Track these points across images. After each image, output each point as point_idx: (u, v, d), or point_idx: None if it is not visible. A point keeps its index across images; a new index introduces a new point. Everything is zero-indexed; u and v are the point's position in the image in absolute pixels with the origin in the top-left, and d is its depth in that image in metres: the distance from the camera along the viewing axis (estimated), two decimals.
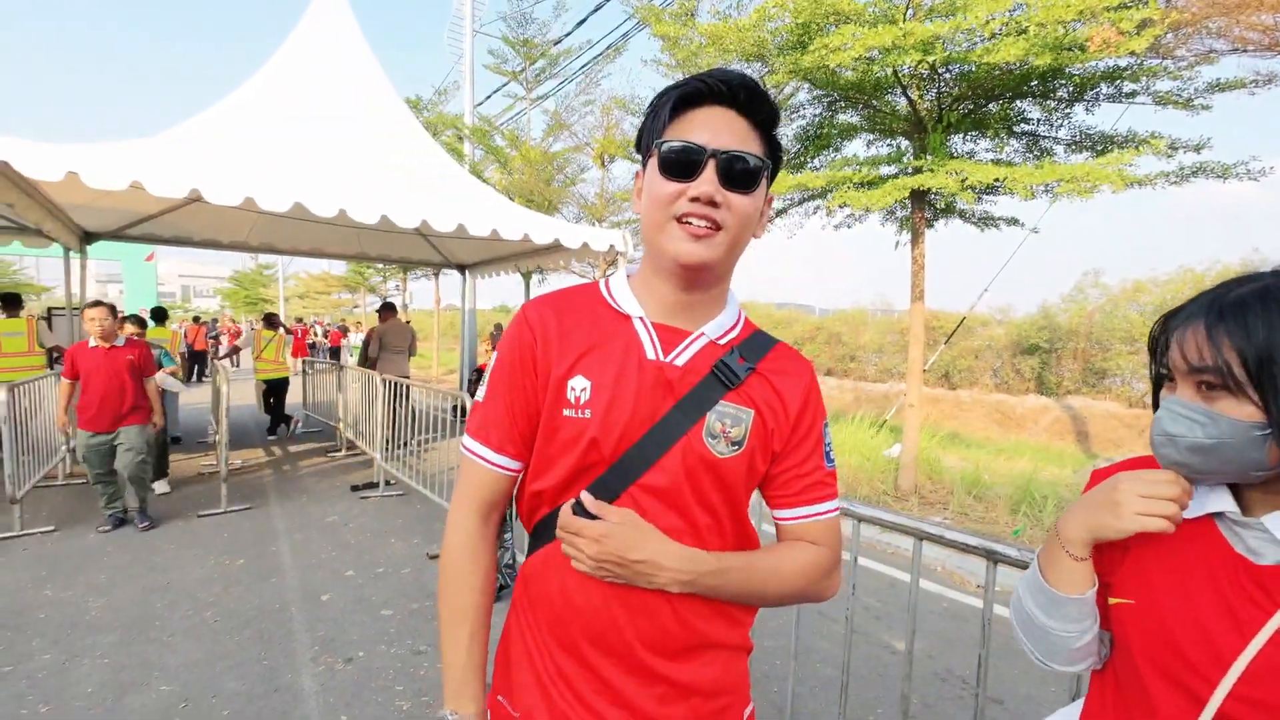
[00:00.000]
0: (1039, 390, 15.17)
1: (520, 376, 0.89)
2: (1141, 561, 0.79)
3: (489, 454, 0.90)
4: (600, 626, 0.85)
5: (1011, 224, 6.64)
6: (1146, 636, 0.76)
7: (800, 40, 5.43)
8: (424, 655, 2.99)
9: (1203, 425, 0.69)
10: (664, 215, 0.82)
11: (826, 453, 0.94)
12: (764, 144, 0.85)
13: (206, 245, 8.44)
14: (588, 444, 0.84)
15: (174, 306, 43.02)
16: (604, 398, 0.84)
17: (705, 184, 0.79)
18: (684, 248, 0.81)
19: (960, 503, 5.82)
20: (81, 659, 2.84)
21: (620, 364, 0.86)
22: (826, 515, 0.93)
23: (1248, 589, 0.70)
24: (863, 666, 3.06)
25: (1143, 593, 0.78)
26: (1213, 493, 0.77)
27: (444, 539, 0.93)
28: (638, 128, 0.91)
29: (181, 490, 5.69)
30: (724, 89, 0.81)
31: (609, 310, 0.91)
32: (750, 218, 0.84)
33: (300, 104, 6.42)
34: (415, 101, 15.25)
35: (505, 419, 0.89)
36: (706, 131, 0.81)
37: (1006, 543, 1.34)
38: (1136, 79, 5.24)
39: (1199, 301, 0.74)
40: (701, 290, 0.88)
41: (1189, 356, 0.71)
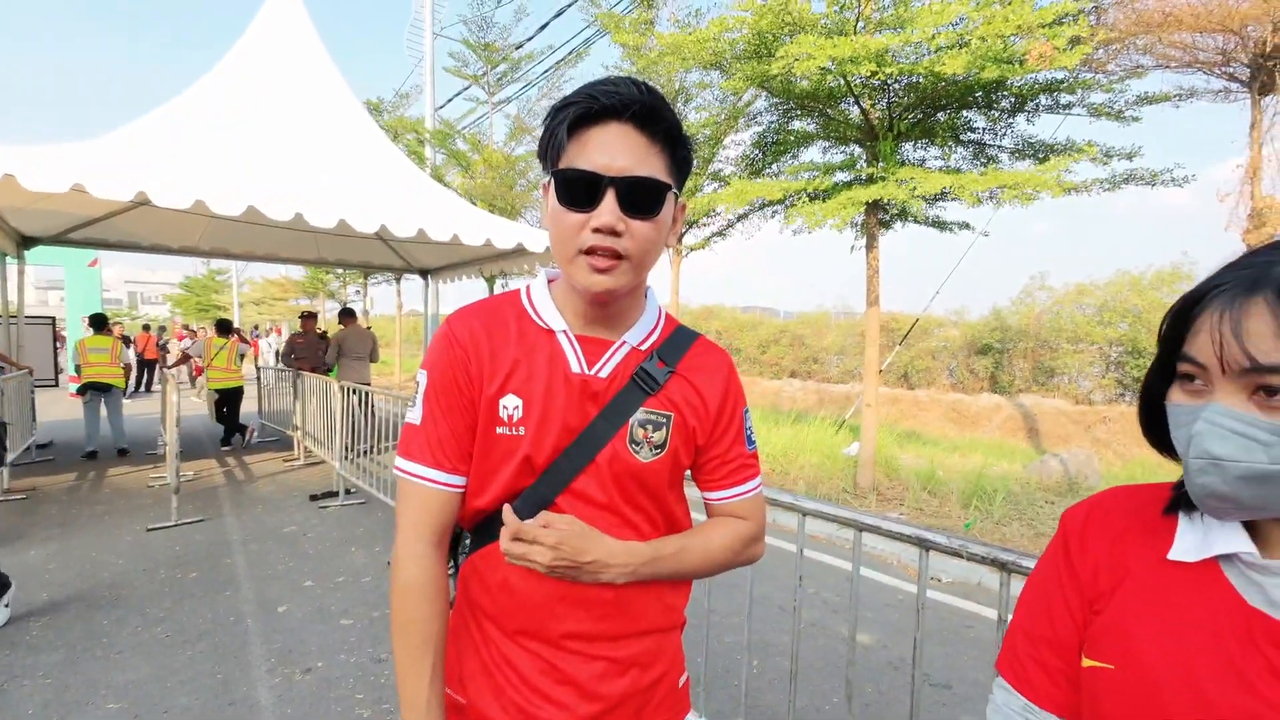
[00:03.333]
0: (993, 389, 15.73)
1: (456, 397, 0.89)
2: (1123, 615, 0.63)
3: (439, 475, 0.89)
4: (542, 617, 0.89)
5: (963, 228, 6.91)
6: (1129, 714, 0.59)
7: (757, 50, 5.57)
8: (384, 663, 2.96)
9: (1266, 446, 0.51)
10: (569, 248, 0.82)
11: (748, 437, 1.01)
12: (667, 159, 0.83)
13: (155, 250, 8.16)
14: (521, 461, 0.88)
15: (121, 314, 41.25)
16: (535, 414, 0.87)
17: (605, 214, 0.78)
18: (591, 280, 0.81)
19: (916, 498, 6.01)
20: (22, 680, 2.74)
21: (548, 379, 0.88)
22: (751, 493, 1.00)
23: (1269, 655, 0.54)
24: (819, 659, 3.15)
25: (1125, 656, 0.60)
26: (1217, 527, 0.59)
27: (394, 574, 0.88)
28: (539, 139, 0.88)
29: (130, 503, 5.49)
30: (619, 105, 0.78)
31: (532, 325, 0.92)
32: (655, 241, 0.84)
33: (254, 106, 6.28)
34: (376, 104, 15.03)
35: (449, 438, 0.89)
36: (604, 154, 0.78)
37: (937, 531, 1.42)
38: (1073, 91, 5.53)
39: (1240, 272, 0.54)
40: (615, 305, 0.90)
41: (1254, 350, 0.51)
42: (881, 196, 5.28)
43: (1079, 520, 0.71)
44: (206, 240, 7.98)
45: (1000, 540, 5.00)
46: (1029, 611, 0.73)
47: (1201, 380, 0.56)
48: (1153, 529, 0.65)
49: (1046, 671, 0.70)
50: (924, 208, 6.22)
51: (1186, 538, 0.62)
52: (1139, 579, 0.63)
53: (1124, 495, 0.71)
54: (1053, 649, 0.69)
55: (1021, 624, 0.74)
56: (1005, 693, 0.73)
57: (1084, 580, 0.68)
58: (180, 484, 5.13)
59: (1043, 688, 0.69)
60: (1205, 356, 0.55)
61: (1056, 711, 0.69)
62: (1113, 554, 0.67)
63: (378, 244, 8.47)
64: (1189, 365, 0.57)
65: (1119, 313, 10.85)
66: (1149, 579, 0.63)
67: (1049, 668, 0.69)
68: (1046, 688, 0.69)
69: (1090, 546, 0.69)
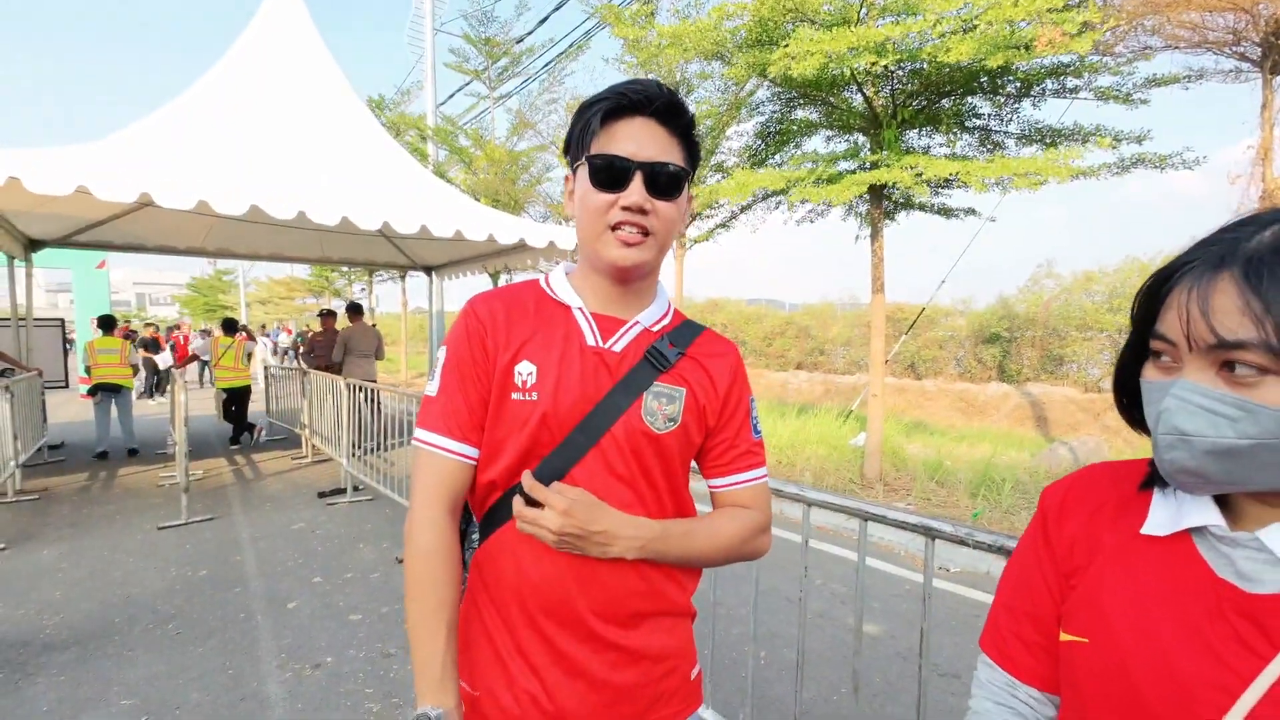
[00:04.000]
0: (1000, 378, 15.64)
1: (472, 367, 0.93)
2: (1097, 589, 0.63)
3: (452, 444, 0.91)
4: (555, 599, 0.90)
5: (969, 214, 6.84)
6: (1104, 686, 0.60)
7: (759, 38, 5.53)
8: (393, 658, 2.98)
9: (1232, 421, 0.51)
10: (600, 224, 0.89)
11: (754, 425, 1.03)
12: (684, 150, 0.92)
13: (161, 251, 8.20)
14: (537, 422, 0.90)
15: (129, 315, 41.58)
16: (550, 380, 0.90)
17: (634, 194, 0.86)
18: (620, 253, 0.88)
19: (923, 489, 5.99)
20: (35, 677, 2.77)
21: (563, 349, 0.92)
22: (756, 480, 1.02)
23: (1236, 626, 0.54)
24: (828, 649, 3.14)
25: (1099, 629, 0.61)
26: (1188, 501, 0.60)
27: (410, 538, 0.90)
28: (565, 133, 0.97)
29: (141, 502, 5.54)
30: (645, 102, 0.88)
31: (550, 301, 0.97)
32: (675, 220, 0.92)
33: (255, 105, 6.29)
34: (378, 102, 15.01)
35: (464, 409, 0.92)
36: (632, 143, 0.88)
37: (942, 520, 1.41)
38: (1080, 75, 5.46)
39: (1209, 249, 0.55)
40: (635, 283, 0.96)
41: (1219, 326, 0.51)
42: (886, 180, 5.23)
43: (1057, 497, 0.72)
44: (211, 241, 8.01)
45: (1009, 529, 4.97)
46: (1010, 588, 0.74)
47: (1171, 357, 0.56)
48: (1128, 504, 0.66)
49: (1027, 647, 0.70)
50: (929, 195, 6.16)
51: (1159, 512, 0.62)
52: (1112, 553, 0.64)
53: (1102, 472, 0.71)
54: (1033, 624, 0.70)
55: (1003, 600, 0.75)
56: (989, 669, 0.74)
57: (1060, 555, 0.69)
58: (190, 483, 5.17)
59: (1024, 663, 0.71)
60: (1174, 333, 0.55)
61: (1038, 685, 0.70)
62: (1088, 529, 0.67)
63: (381, 241, 8.48)
64: (1160, 343, 0.57)
65: (1128, 299, 10.75)
66: (1122, 553, 0.63)
67: (1030, 643, 0.70)
68: (1028, 662, 0.70)
69: (1067, 522, 0.69)
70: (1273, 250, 0.51)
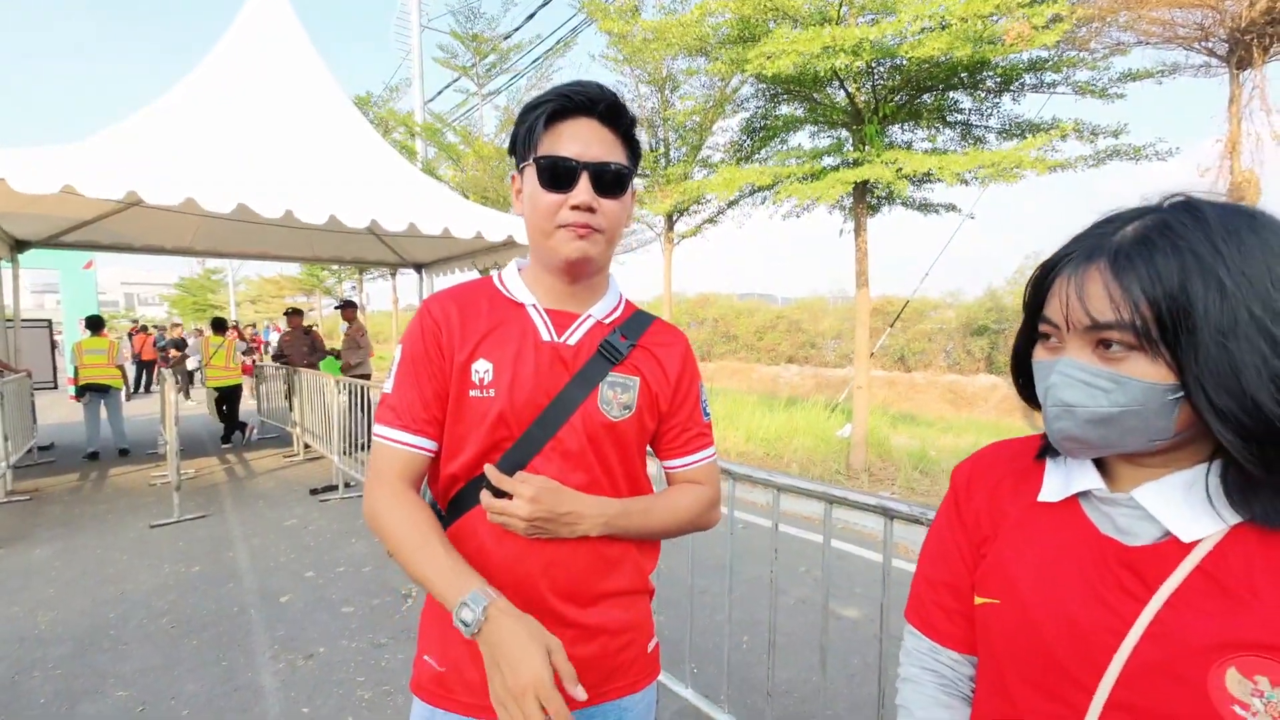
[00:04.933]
0: (989, 369, 15.81)
1: (427, 364, 0.96)
2: (1003, 553, 0.70)
3: (406, 437, 0.95)
4: (515, 579, 0.95)
5: (949, 210, 6.94)
6: (1013, 640, 0.66)
7: (741, 34, 5.59)
8: (384, 648, 3.05)
9: (1106, 392, 0.58)
10: (550, 224, 0.93)
11: (703, 408, 1.10)
12: (626, 149, 0.96)
13: (148, 251, 8.18)
14: (495, 419, 0.94)
15: (117, 316, 41.23)
16: (506, 376, 0.95)
17: (581, 193, 0.90)
18: (570, 248, 0.92)
19: (907, 478, 6.10)
20: (32, 671, 2.82)
21: (518, 345, 0.96)
22: (707, 460, 1.09)
23: (1119, 575, 0.61)
24: (809, 634, 3.23)
25: (1007, 590, 0.67)
26: (1076, 468, 0.67)
27: (373, 509, 0.93)
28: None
29: (132, 501, 5.57)
30: (589, 104, 0.92)
31: (504, 299, 1.01)
32: (621, 216, 0.97)
33: (241, 103, 6.29)
34: (365, 99, 14.96)
35: (417, 403, 0.96)
36: (578, 144, 0.91)
37: (899, 500, 1.49)
38: (1058, 69, 5.55)
39: (1083, 243, 0.62)
40: (586, 279, 1.00)
41: (1092, 309, 0.58)
42: (868, 177, 5.31)
43: (964, 475, 0.79)
44: (200, 240, 8.00)
45: None
46: (929, 561, 0.81)
47: (1056, 339, 0.63)
48: (1026, 475, 0.73)
49: (946, 613, 0.77)
50: (910, 190, 6.25)
51: (1052, 480, 0.70)
52: (1015, 521, 0.71)
53: (1002, 448, 0.79)
54: (950, 592, 0.77)
55: (923, 573, 0.82)
56: (914, 638, 0.81)
57: (970, 527, 0.76)
58: (182, 481, 5.21)
59: (944, 628, 0.78)
60: (1057, 317, 0.62)
61: (957, 648, 0.77)
62: (992, 501, 0.74)
63: (370, 239, 8.49)
64: (1047, 325, 0.64)
65: None
66: (1022, 519, 0.70)
67: (948, 609, 0.77)
68: (947, 628, 0.77)
69: (974, 496, 0.76)
70: (1134, 243, 0.58)
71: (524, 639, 0.79)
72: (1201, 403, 0.55)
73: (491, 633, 0.80)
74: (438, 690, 1.00)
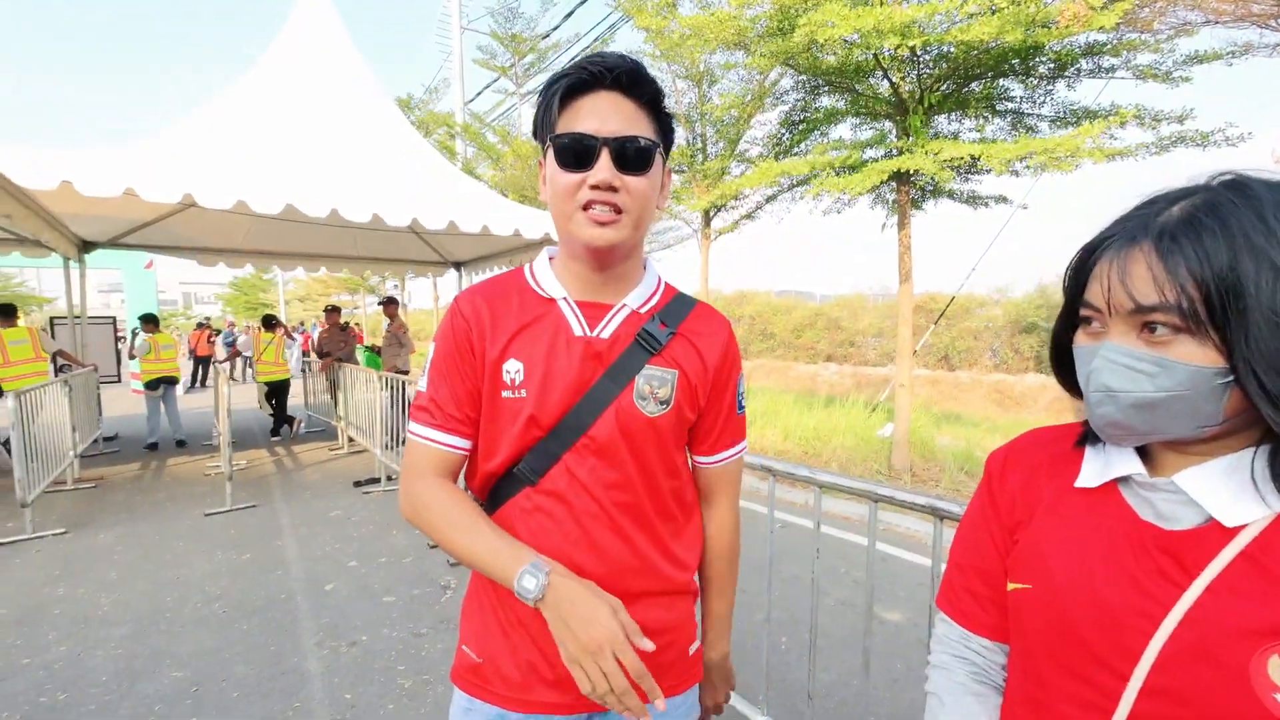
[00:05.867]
0: (1039, 369, 15.22)
1: (460, 362, 0.94)
2: (1037, 539, 0.69)
3: (440, 435, 0.94)
4: None
5: (999, 202, 6.69)
6: (1046, 626, 0.66)
7: (781, 26, 5.48)
8: (424, 638, 3.10)
9: (1152, 376, 0.56)
10: (569, 206, 0.87)
11: (739, 401, 1.05)
12: (653, 122, 0.89)
13: (202, 252, 8.53)
14: (527, 420, 0.92)
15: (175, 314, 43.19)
16: (537, 376, 0.92)
17: (601, 171, 0.84)
18: (592, 233, 0.86)
19: (952, 479, 5.91)
20: (95, 650, 2.96)
21: (550, 343, 0.93)
22: (736, 456, 1.07)
23: (1157, 560, 0.60)
24: (850, 635, 3.15)
25: (1040, 575, 0.66)
26: (1116, 454, 0.65)
27: (412, 503, 0.92)
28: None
29: (189, 490, 5.81)
30: (608, 75, 0.85)
31: (534, 295, 0.97)
32: (649, 196, 0.89)
33: (289, 107, 6.48)
34: (406, 101, 15.28)
35: (451, 402, 0.94)
36: (595, 119, 0.84)
37: (949, 500, 1.43)
38: (1116, 53, 5.28)
39: (1126, 224, 0.60)
40: (615, 267, 0.94)
41: (1135, 292, 0.57)
42: (908, 167, 5.15)
43: (999, 460, 0.78)
44: (250, 240, 8.30)
45: None
46: (961, 547, 0.80)
47: (1098, 323, 0.62)
48: (1063, 462, 0.72)
49: (978, 600, 0.76)
50: (955, 181, 6.05)
51: (1091, 466, 0.68)
52: (1051, 506, 0.70)
53: (1039, 435, 0.77)
54: (981, 578, 0.76)
55: (955, 560, 0.80)
56: (945, 625, 0.80)
57: (1004, 512, 0.75)
58: (233, 472, 5.41)
59: (975, 616, 0.76)
60: (1099, 301, 0.60)
61: (989, 635, 0.76)
62: (1027, 487, 0.73)
63: (412, 238, 8.66)
64: (1088, 310, 0.62)
65: None
66: (1058, 505, 0.69)
67: (980, 596, 0.76)
68: (979, 615, 0.76)
69: (1009, 481, 0.75)
70: (1181, 223, 0.56)
71: (590, 597, 0.80)
72: (1251, 386, 0.54)
73: (556, 596, 0.80)
74: (475, 680, 0.99)
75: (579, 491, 0.93)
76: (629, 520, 0.95)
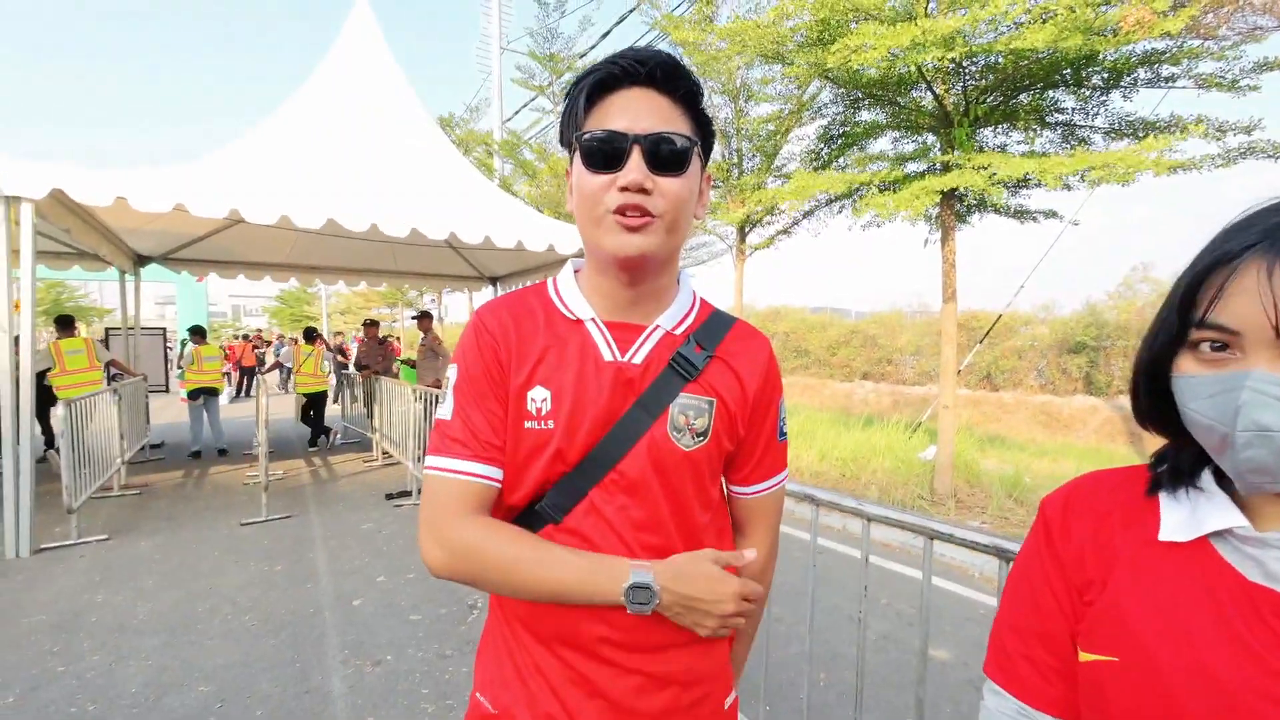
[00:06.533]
0: (1087, 390, 14.59)
1: (489, 384, 0.85)
2: (1119, 602, 0.59)
3: (477, 467, 0.83)
4: (574, 620, 0.84)
5: (1049, 217, 6.43)
6: (1139, 708, 0.56)
7: (820, 37, 5.40)
8: (449, 659, 3.03)
9: None
10: (596, 211, 0.79)
11: (781, 428, 0.97)
12: (690, 120, 0.81)
13: (249, 266, 8.80)
14: (553, 455, 0.84)
15: (225, 325, 44.90)
16: (565, 406, 0.83)
17: (632, 171, 0.76)
18: (620, 241, 0.78)
19: (999, 506, 5.63)
20: (128, 660, 2.97)
21: (578, 369, 0.84)
22: (777, 486, 0.98)
23: (1275, 627, 0.52)
24: (892, 673, 2.97)
25: (1128, 647, 0.57)
26: (1205, 503, 0.57)
27: (447, 547, 0.80)
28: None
29: (227, 499, 5.91)
30: (639, 69, 0.77)
31: (560, 316, 0.88)
32: (685, 200, 0.80)
33: (334, 126, 6.65)
34: (448, 120, 15.65)
35: (486, 429, 0.84)
36: (626, 116, 0.77)
37: (1018, 541, 1.29)
38: (1176, 62, 5.03)
39: (1273, 233, 0.51)
40: (648, 282, 0.86)
41: None
42: (958, 185, 4.98)
43: (1058, 506, 0.67)
44: (295, 255, 8.53)
45: None
46: (1015, 606, 0.69)
47: (1235, 348, 0.52)
48: (1136, 511, 0.63)
49: (1038, 669, 0.65)
50: (1005, 196, 5.83)
51: (1173, 517, 0.59)
52: (1131, 563, 0.60)
53: (1100, 479, 0.67)
54: (1043, 644, 0.65)
55: (1008, 620, 0.69)
56: (997, 697, 0.68)
57: (1070, 568, 0.64)
58: (270, 482, 5.48)
59: (1036, 686, 0.65)
60: (1241, 322, 0.51)
61: (1052, 711, 0.64)
62: (1098, 539, 0.63)
63: (449, 253, 8.79)
64: (1213, 332, 0.53)
65: None
66: (1142, 562, 0.60)
67: (1041, 664, 0.65)
68: (1040, 686, 0.65)
69: (1074, 533, 0.65)
70: None
71: (697, 569, 0.81)
72: None
73: (673, 587, 0.79)
74: None
75: (605, 532, 0.84)
76: None
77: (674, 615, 0.80)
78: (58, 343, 6.53)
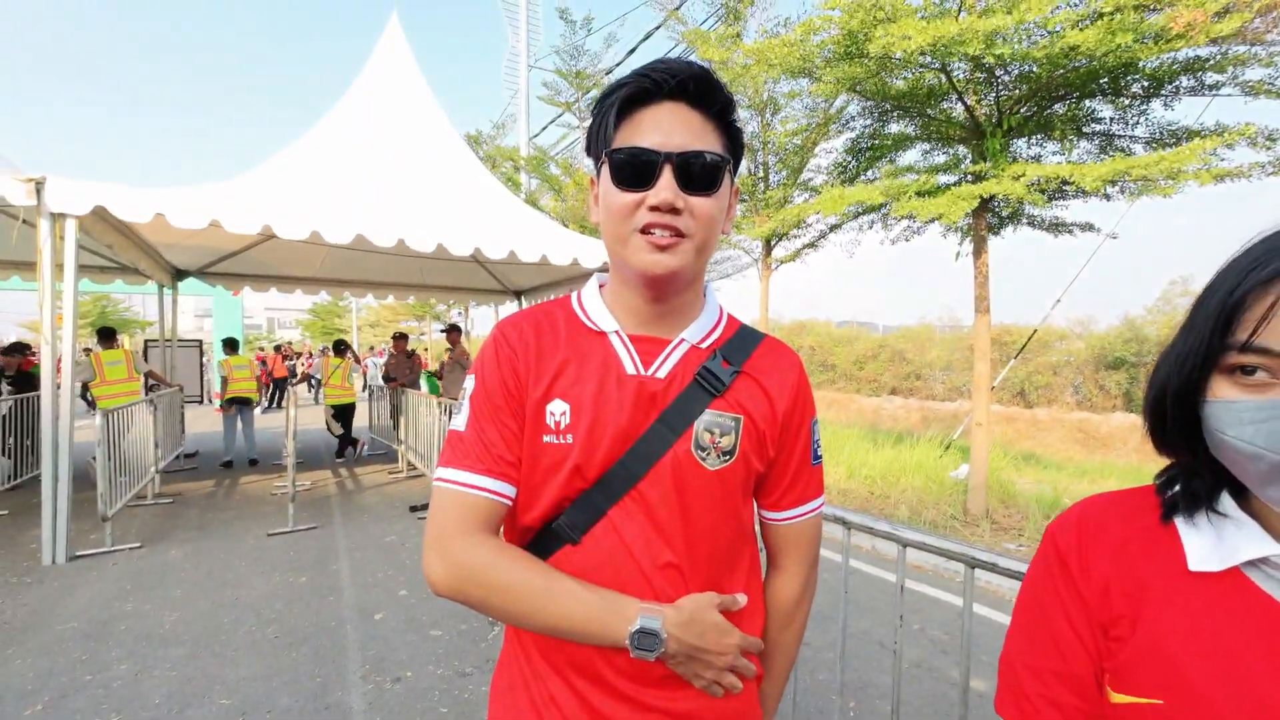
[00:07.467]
0: (1127, 407, 14.10)
1: (506, 398, 0.83)
2: (1159, 639, 0.55)
3: (489, 482, 0.80)
4: (583, 655, 0.81)
5: (1086, 229, 6.24)
6: None
7: (848, 50, 5.34)
8: (469, 677, 2.99)
9: None
10: (625, 229, 0.77)
11: (814, 450, 0.91)
12: (722, 136, 0.79)
13: (282, 280, 9.00)
14: (571, 470, 0.80)
15: (259, 338, 46.07)
16: (584, 420, 0.80)
17: (664, 190, 0.74)
18: (649, 259, 0.76)
19: (1036, 528, 5.42)
20: (153, 670, 2.99)
21: (599, 383, 0.82)
22: (813, 513, 0.93)
23: None
24: (925, 704, 2.85)
25: (1175, 688, 0.53)
26: (1230, 530, 0.55)
27: (452, 566, 0.77)
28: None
29: (256, 509, 5.99)
30: (672, 82, 0.75)
31: (583, 328, 0.86)
32: (715, 219, 0.78)
33: (363, 144, 6.79)
34: (475, 136, 15.91)
35: (500, 443, 0.82)
36: (659, 132, 0.75)
37: None
38: (1221, 69, 4.86)
39: None
40: (674, 298, 0.84)
41: None
42: (996, 192, 4.85)
43: (1070, 535, 0.63)
44: (325, 270, 8.71)
45: None
46: (1031, 644, 0.64)
47: (1267, 373, 0.50)
48: (1154, 539, 0.59)
49: (1062, 711, 0.61)
50: (1042, 206, 5.67)
51: (1198, 545, 0.56)
52: (1164, 598, 0.56)
53: (1108, 504, 0.63)
54: (1066, 684, 0.61)
55: (1022, 657, 0.64)
56: None
57: (1093, 604, 0.60)
58: (297, 493, 5.54)
59: None
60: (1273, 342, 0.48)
61: None
62: (1119, 569, 0.59)
63: (475, 267, 8.88)
64: (1254, 355, 0.50)
65: None
66: (1175, 596, 0.56)
67: (1064, 706, 0.60)
68: None
69: (1092, 563, 0.60)
70: None
71: (706, 617, 0.78)
72: None
73: (681, 635, 0.76)
74: None
75: (623, 556, 0.80)
76: (681, 592, 0.81)
77: (675, 664, 0.76)
78: (98, 354, 6.72)
